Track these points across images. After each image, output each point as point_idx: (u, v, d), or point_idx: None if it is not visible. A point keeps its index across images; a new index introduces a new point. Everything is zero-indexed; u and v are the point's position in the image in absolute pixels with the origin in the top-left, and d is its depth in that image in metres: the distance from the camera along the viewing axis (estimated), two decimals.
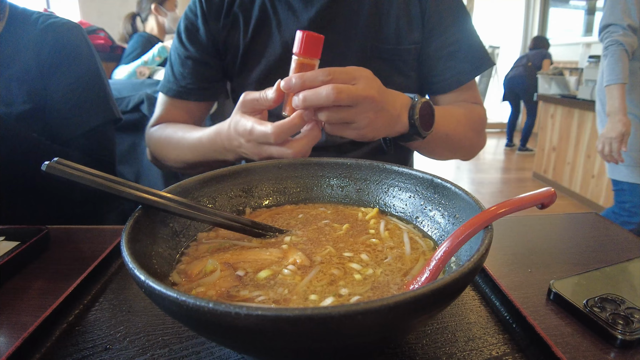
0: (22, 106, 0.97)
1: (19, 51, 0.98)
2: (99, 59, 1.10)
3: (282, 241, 0.52)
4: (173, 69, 1.00)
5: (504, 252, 0.68)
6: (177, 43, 1.00)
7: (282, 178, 0.64)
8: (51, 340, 0.46)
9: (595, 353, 0.44)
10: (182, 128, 0.93)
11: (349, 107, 0.63)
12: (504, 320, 0.48)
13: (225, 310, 0.28)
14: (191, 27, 0.97)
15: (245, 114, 0.71)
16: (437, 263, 0.40)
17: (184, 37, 0.98)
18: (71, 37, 1.03)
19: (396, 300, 0.28)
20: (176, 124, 0.98)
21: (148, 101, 1.67)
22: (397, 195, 0.59)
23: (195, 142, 0.85)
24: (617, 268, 0.58)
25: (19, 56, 0.98)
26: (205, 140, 0.82)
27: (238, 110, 0.72)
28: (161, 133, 0.97)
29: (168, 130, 0.95)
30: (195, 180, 0.56)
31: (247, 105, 0.71)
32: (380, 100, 0.66)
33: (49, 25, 1.01)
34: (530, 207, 0.41)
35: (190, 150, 0.87)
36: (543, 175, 4.35)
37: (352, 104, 0.63)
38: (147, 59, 2.37)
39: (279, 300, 0.41)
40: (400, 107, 0.71)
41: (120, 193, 0.43)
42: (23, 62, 0.98)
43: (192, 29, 0.97)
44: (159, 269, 0.44)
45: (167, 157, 0.95)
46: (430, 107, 0.75)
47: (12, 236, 0.68)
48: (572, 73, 4.52)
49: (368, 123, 0.66)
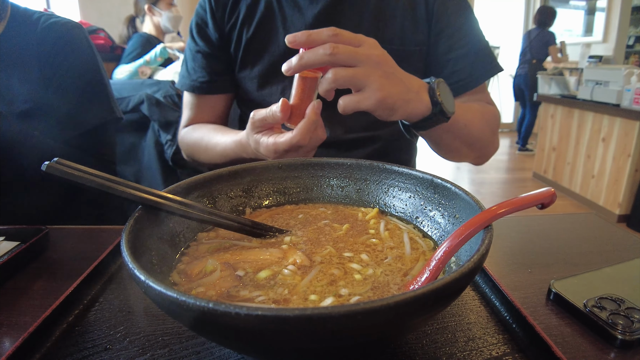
0: (23, 105, 0.98)
1: (20, 51, 0.99)
2: (100, 59, 1.11)
3: (282, 241, 0.52)
4: (187, 64, 1.05)
5: (504, 252, 0.68)
6: (190, 39, 1.04)
7: (282, 178, 0.64)
8: (51, 340, 0.46)
9: (595, 353, 0.44)
10: (207, 133, 0.97)
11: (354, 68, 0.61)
12: (504, 320, 0.48)
13: (225, 310, 0.28)
14: (201, 22, 1.00)
15: (259, 132, 0.72)
16: (437, 263, 0.40)
17: (194, 33, 1.02)
18: (72, 37, 1.04)
19: (396, 300, 0.28)
20: (202, 128, 1.02)
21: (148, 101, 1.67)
22: (397, 196, 0.59)
23: (222, 151, 0.90)
24: (617, 268, 0.58)
25: (20, 56, 0.98)
26: (229, 151, 0.87)
27: (252, 132, 0.73)
28: (190, 137, 1.03)
29: (195, 135, 1.01)
30: (195, 180, 0.56)
31: (257, 125, 0.71)
32: (386, 62, 0.64)
33: (50, 25, 1.01)
34: (530, 207, 0.41)
35: (220, 157, 0.92)
36: (543, 175, 4.35)
37: (353, 63, 0.61)
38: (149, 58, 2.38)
39: (279, 301, 0.41)
40: (418, 87, 0.70)
41: (120, 193, 0.43)
42: (24, 62, 0.98)
43: (201, 24, 1.00)
44: (159, 269, 0.44)
45: (200, 160, 1.02)
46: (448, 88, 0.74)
47: (12, 236, 0.68)
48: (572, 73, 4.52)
49: (379, 86, 0.63)
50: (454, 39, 0.93)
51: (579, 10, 6.45)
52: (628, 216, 3.23)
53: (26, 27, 1.00)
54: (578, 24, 6.37)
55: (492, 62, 0.95)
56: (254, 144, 0.73)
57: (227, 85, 1.04)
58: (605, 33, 5.65)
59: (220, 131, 0.96)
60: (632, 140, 3.10)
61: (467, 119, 0.84)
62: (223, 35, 0.99)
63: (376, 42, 0.66)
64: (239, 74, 1.01)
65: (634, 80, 3.11)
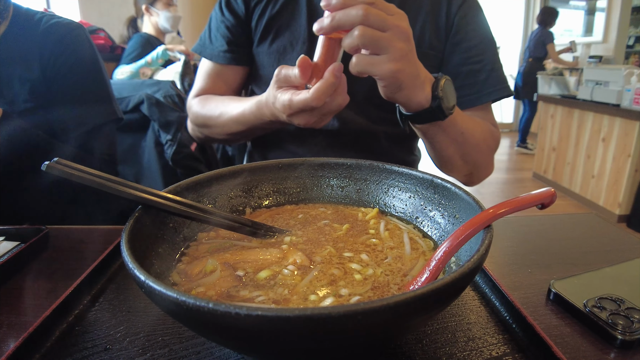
0: (24, 105, 0.98)
1: (22, 50, 0.99)
2: (101, 59, 1.11)
3: (282, 241, 0.52)
4: (210, 33, 1.05)
5: (504, 252, 0.68)
6: (217, 8, 1.05)
7: (282, 178, 0.64)
8: (51, 340, 0.46)
9: (595, 353, 0.44)
10: (222, 102, 0.97)
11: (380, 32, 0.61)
12: (504, 320, 0.48)
13: (225, 310, 0.28)
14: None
15: (281, 89, 0.71)
16: (437, 263, 0.40)
17: (223, 4, 1.03)
18: (74, 38, 1.04)
19: (396, 301, 0.28)
20: (214, 98, 1.02)
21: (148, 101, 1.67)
22: (397, 196, 0.59)
23: (238, 116, 0.89)
24: (617, 268, 0.58)
25: (22, 55, 0.99)
26: (247, 113, 0.86)
27: (274, 85, 0.73)
28: (202, 107, 1.01)
29: (209, 105, 1.00)
30: (195, 180, 0.56)
31: (281, 80, 0.71)
32: (410, 38, 0.64)
33: (52, 25, 1.02)
34: (530, 207, 0.41)
35: (235, 123, 0.91)
36: (543, 175, 4.35)
37: (382, 28, 0.61)
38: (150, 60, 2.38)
39: (279, 301, 0.41)
40: (425, 77, 0.70)
41: (120, 193, 0.43)
42: (26, 62, 0.99)
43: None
44: (159, 269, 0.44)
45: (212, 130, 1.00)
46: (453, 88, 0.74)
47: (12, 236, 0.68)
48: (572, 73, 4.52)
49: (398, 57, 0.62)
50: (470, 53, 0.94)
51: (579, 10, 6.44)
52: (628, 216, 3.23)
53: (28, 28, 1.01)
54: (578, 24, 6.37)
55: (502, 84, 0.95)
56: (273, 98, 0.72)
57: (246, 58, 1.05)
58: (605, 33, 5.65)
59: (236, 99, 0.96)
60: (632, 140, 3.10)
61: (466, 127, 0.84)
62: (249, 9, 1.00)
63: (406, 16, 0.65)
64: (257, 48, 1.02)
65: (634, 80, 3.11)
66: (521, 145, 5.71)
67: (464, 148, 0.86)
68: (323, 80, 0.63)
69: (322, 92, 0.63)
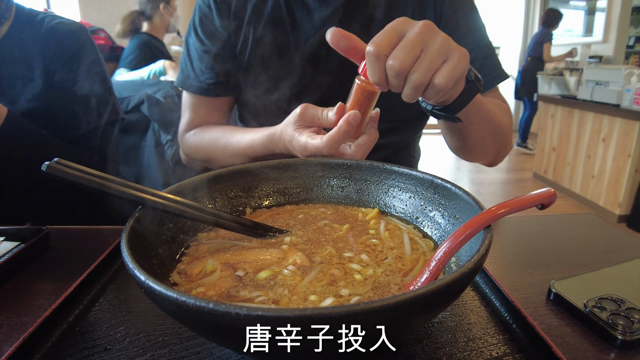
0: (26, 105, 0.98)
1: (24, 51, 0.99)
2: (102, 60, 1.12)
3: (282, 241, 0.52)
4: (193, 64, 0.99)
5: (504, 252, 0.67)
6: (193, 37, 0.99)
7: (282, 178, 0.64)
8: (51, 340, 0.46)
9: (595, 353, 0.44)
10: (223, 133, 0.93)
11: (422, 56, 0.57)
12: (504, 320, 0.48)
13: (225, 310, 0.28)
14: (206, 20, 0.96)
15: (300, 128, 0.70)
16: (437, 263, 0.40)
17: (199, 31, 0.97)
18: (76, 38, 1.04)
19: (396, 301, 0.28)
20: (213, 129, 0.98)
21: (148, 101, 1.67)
22: (397, 196, 0.59)
23: (246, 148, 0.86)
24: (617, 268, 0.58)
25: (25, 55, 0.99)
26: (257, 145, 0.83)
27: (294, 123, 0.71)
28: (200, 140, 0.98)
29: (208, 137, 0.96)
30: (195, 180, 0.56)
31: (306, 119, 0.70)
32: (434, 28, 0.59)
33: (54, 25, 1.02)
34: (530, 207, 0.41)
35: (242, 156, 0.88)
36: (543, 175, 4.35)
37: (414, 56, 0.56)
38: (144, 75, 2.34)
39: (279, 301, 0.41)
40: None
41: (120, 193, 0.43)
42: (28, 62, 0.99)
43: (206, 22, 0.96)
44: (159, 269, 0.44)
45: (215, 161, 0.96)
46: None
47: (12, 236, 0.68)
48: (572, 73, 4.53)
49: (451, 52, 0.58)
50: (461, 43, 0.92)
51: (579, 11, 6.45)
52: (628, 216, 3.24)
53: (30, 28, 1.01)
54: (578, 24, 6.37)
55: (498, 69, 0.94)
56: (290, 137, 0.71)
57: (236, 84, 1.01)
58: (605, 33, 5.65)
59: (239, 130, 0.93)
60: (632, 140, 3.10)
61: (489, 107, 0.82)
62: (230, 34, 0.96)
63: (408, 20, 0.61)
64: (245, 75, 0.98)
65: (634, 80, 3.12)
66: (521, 145, 5.72)
67: (493, 125, 0.85)
68: (336, 129, 0.63)
69: (334, 142, 0.63)
